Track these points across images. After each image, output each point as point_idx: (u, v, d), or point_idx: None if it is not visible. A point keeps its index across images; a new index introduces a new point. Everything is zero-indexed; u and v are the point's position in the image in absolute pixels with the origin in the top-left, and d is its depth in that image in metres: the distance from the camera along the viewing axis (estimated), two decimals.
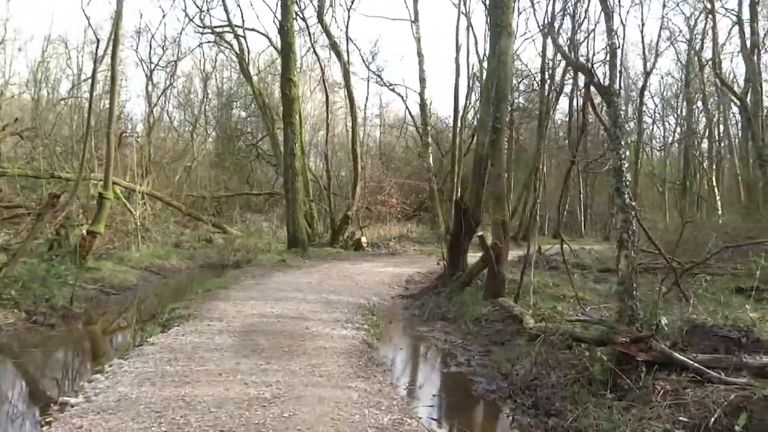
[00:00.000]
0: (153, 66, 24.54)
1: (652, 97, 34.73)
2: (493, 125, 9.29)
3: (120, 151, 22.85)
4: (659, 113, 37.30)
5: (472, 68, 25.79)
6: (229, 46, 21.23)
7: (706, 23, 25.89)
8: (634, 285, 5.52)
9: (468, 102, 25.88)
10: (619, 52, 32.13)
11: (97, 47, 19.03)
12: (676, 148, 36.10)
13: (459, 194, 22.68)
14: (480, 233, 8.90)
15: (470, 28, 23.52)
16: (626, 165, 5.81)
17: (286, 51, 15.54)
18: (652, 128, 37.66)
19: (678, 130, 35.18)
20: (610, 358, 4.91)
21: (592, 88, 6.98)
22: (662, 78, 37.71)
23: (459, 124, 23.40)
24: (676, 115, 35.38)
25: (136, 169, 21.14)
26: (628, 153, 33.62)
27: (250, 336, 6.46)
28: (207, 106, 27.85)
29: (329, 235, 19.42)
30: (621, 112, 6.55)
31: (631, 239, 5.55)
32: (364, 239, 19.34)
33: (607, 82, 6.44)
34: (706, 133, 30.78)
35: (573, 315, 7.06)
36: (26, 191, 15.19)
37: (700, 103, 29.38)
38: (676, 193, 32.22)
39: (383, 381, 5.21)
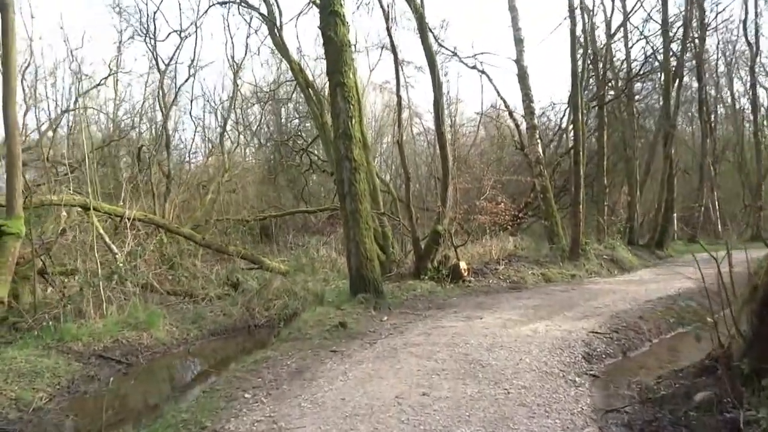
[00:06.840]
0: (169, 61, 19.17)
1: None
2: None
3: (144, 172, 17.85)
4: None
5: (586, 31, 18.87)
6: (255, 11, 15.47)
7: None
8: None
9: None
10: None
11: None
12: None
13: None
14: None
15: None
16: None
17: None
18: None
19: None
20: None
21: None
22: None
23: (580, 93, 16.31)
24: None
25: (154, 191, 15.91)
26: None
27: None
28: (244, 106, 22.17)
29: (412, 262, 12.94)
30: None
31: None
32: (463, 265, 12.64)
33: None
34: None
35: None
36: None
37: None
38: None
39: None
